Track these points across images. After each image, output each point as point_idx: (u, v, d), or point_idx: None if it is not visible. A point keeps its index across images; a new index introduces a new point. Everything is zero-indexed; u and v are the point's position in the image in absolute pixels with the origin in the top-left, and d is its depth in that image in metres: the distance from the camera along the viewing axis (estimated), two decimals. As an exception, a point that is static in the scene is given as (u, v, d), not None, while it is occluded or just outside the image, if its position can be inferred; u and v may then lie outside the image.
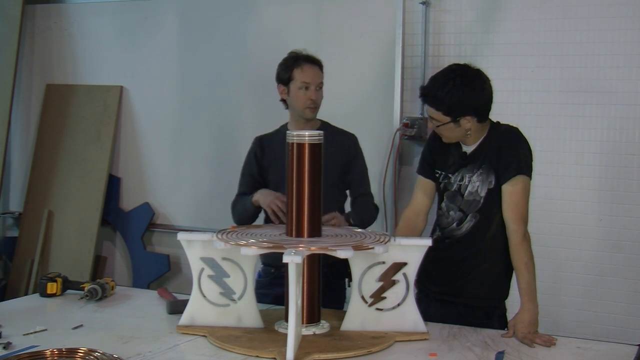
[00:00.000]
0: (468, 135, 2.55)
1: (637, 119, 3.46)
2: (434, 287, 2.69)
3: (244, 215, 2.95)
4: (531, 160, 2.56)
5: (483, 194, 2.55)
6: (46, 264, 4.67)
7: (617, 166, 3.50)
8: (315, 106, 2.92)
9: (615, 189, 3.51)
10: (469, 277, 2.60)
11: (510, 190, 2.50)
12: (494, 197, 2.53)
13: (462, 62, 2.62)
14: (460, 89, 2.48)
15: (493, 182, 2.53)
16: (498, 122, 2.62)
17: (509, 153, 2.52)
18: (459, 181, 2.60)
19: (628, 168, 3.49)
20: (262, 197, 2.83)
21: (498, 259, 2.56)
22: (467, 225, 2.59)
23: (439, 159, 2.67)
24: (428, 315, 2.51)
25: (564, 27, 3.55)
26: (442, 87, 2.50)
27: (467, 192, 2.58)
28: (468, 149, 2.60)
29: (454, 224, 2.61)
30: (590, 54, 3.51)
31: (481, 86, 2.53)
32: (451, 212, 2.62)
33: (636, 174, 3.48)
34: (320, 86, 2.93)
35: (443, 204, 2.66)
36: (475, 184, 2.56)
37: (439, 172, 2.66)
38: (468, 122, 2.52)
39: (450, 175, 2.62)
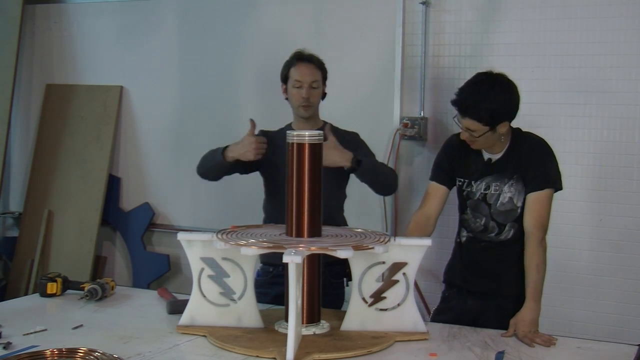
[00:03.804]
0: (502, 140, 2.59)
1: (637, 119, 3.46)
2: (470, 285, 2.72)
3: (210, 166, 2.96)
4: (558, 171, 2.64)
5: (520, 203, 2.60)
6: (46, 264, 4.67)
7: (617, 166, 3.50)
8: (308, 104, 2.92)
9: (615, 189, 3.51)
10: (510, 275, 2.63)
11: (535, 198, 2.56)
12: None
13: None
14: (501, 97, 2.52)
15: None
16: (519, 129, 2.66)
17: (537, 167, 2.58)
18: (484, 190, 2.62)
19: (628, 168, 3.49)
20: (236, 147, 2.84)
21: None
22: (506, 234, 2.64)
23: (459, 167, 2.69)
24: (463, 310, 2.61)
25: (564, 27, 3.55)
26: (485, 98, 2.50)
27: (499, 202, 2.60)
28: (493, 156, 2.62)
29: (492, 234, 2.65)
30: (590, 54, 3.50)
31: (515, 90, 2.58)
32: (478, 220, 2.65)
33: (636, 174, 3.48)
34: (314, 85, 2.93)
35: (468, 211, 2.69)
36: (507, 195, 2.60)
37: (462, 180, 2.68)
38: (504, 127, 2.56)
39: (473, 182, 2.64)
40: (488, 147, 2.62)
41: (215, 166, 2.93)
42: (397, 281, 2.35)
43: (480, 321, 2.53)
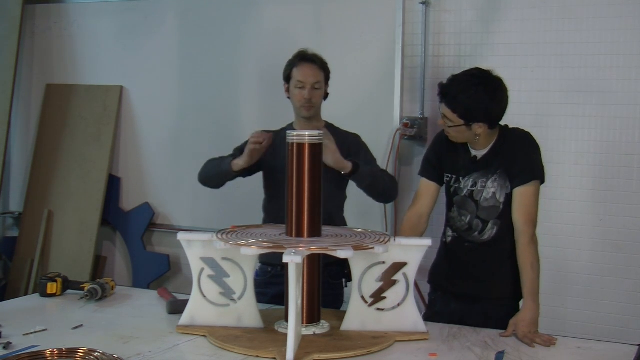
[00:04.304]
0: (477, 141, 2.57)
1: (637, 119, 3.46)
2: (454, 288, 2.70)
3: (215, 173, 2.94)
4: (542, 163, 2.60)
5: (502, 199, 2.57)
6: (46, 264, 4.67)
7: (617, 166, 3.50)
8: (310, 105, 2.92)
9: (615, 189, 3.51)
10: (493, 279, 2.62)
11: (522, 192, 2.54)
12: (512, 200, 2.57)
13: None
14: (482, 98, 2.49)
15: (509, 187, 2.56)
16: (506, 126, 2.64)
17: (523, 159, 2.56)
18: (471, 187, 2.61)
19: (628, 168, 3.49)
20: (242, 156, 2.83)
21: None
22: (489, 232, 2.61)
23: (447, 162, 2.68)
24: (447, 313, 2.58)
25: (564, 27, 3.55)
26: (465, 91, 2.50)
27: (482, 198, 2.59)
28: (478, 153, 2.61)
29: (476, 233, 2.62)
30: (590, 54, 3.50)
31: (501, 97, 2.55)
32: (463, 217, 2.64)
33: (636, 174, 3.48)
34: (316, 86, 2.92)
35: (454, 208, 2.67)
36: (490, 190, 2.58)
37: (449, 175, 2.67)
38: (480, 128, 2.53)
39: (460, 179, 2.63)
40: (461, 141, 2.61)
41: (220, 174, 2.92)
42: (397, 281, 2.35)
43: (465, 325, 2.52)
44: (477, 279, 2.65)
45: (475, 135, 2.55)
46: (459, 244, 2.67)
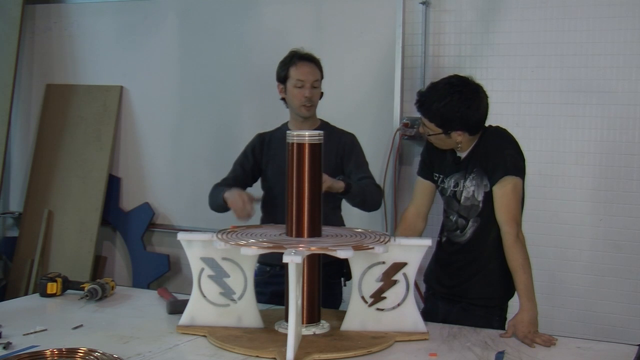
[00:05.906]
0: (458, 147, 2.57)
1: (637, 119, 3.47)
2: (440, 288, 2.72)
3: (214, 204, 2.98)
4: (520, 160, 2.56)
5: (480, 197, 2.56)
6: (46, 264, 4.67)
7: (617, 166, 3.50)
8: (310, 104, 2.92)
9: (615, 189, 3.51)
10: (474, 279, 2.62)
11: (499, 192, 2.51)
12: (492, 199, 2.54)
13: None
14: (457, 106, 2.48)
15: (488, 185, 2.54)
16: (490, 126, 2.63)
17: (495, 155, 2.53)
18: (453, 187, 2.62)
19: (628, 168, 3.49)
20: (230, 195, 2.83)
21: (502, 259, 2.56)
22: (470, 230, 2.61)
23: (436, 161, 2.69)
24: (434, 312, 2.60)
25: (564, 27, 3.55)
26: (440, 100, 2.49)
27: (462, 197, 2.59)
28: (462, 154, 2.62)
29: (458, 231, 2.63)
30: (590, 54, 3.51)
31: (478, 104, 2.52)
32: (451, 217, 2.64)
33: (636, 174, 3.48)
34: (315, 84, 2.93)
35: (445, 208, 2.68)
36: (469, 189, 2.57)
37: (437, 175, 2.68)
38: (459, 136, 2.53)
39: (445, 179, 2.64)
40: (445, 148, 2.61)
41: (220, 206, 2.94)
42: (397, 281, 2.35)
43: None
44: (460, 280, 2.65)
45: (456, 143, 2.55)
46: (449, 245, 2.68)
